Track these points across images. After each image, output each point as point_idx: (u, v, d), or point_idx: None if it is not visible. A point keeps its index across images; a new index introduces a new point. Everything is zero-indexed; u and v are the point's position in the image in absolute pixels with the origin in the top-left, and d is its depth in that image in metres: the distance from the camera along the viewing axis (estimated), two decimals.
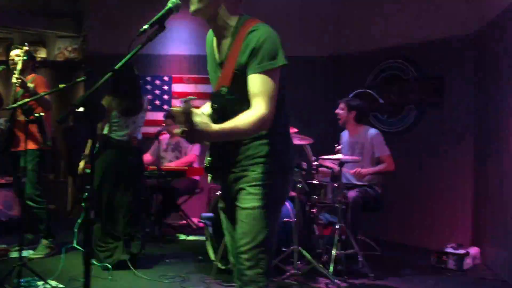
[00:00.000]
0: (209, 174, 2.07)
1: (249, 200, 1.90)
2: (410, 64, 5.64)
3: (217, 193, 2.13)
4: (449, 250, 4.46)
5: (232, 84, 1.91)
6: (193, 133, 1.72)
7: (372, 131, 4.70)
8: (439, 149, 5.39)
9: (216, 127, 1.79)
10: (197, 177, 5.77)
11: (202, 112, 1.90)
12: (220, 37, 2.00)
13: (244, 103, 1.88)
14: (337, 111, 4.75)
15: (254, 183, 1.90)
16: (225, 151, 1.97)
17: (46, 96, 4.11)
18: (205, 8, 1.93)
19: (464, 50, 5.22)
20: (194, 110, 1.72)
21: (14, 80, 4.07)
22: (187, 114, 1.68)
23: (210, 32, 2.08)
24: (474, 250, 4.59)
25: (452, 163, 5.28)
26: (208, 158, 2.04)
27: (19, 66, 4.18)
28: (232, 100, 1.92)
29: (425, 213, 5.43)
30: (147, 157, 5.62)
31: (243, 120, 1.82)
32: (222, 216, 2.13)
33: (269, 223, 1.90)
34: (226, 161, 1.98)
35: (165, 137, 5.88)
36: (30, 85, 4.18)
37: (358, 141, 4.68)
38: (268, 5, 6.20)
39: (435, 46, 5.43)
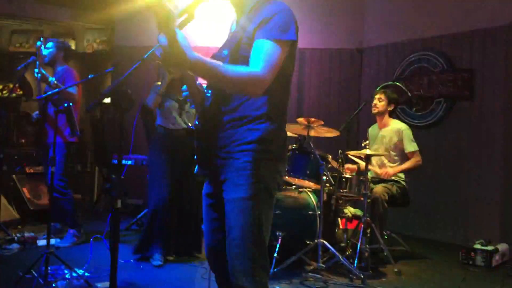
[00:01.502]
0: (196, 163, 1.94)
1: (235, 191, 1.79)
2: (440, 56, 5.52)
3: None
4: (477, 246, 4.36)
5: (234, 49, 1.84)
6: (171, 47, 1.49)
7: (402, 125, 4.64)
8: (469, 143, 5.27)
9: (198, 55, 1.59)
10: None
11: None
12: (240, 14, 1.94)
13: None
14: (375, 101, 4.66)
15: (240, 173, 1.78)
16: (210, 133, 1.86)
17: (72, 88, 4.16)
18: None
19: (495, 42, 5.09)
20: (175, 19, 1.50)
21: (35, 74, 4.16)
22: (164, 12, 1.44)
23: (233, 23, 2.03)
24: (503, 247, 4.49)
25: (481, 157, 5.16)
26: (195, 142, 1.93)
27: (40, 60, 4.22)
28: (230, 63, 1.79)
29: (453, 208, 5.33)
30: None
31: (232, 67, 1.69)
32: (205, 203, 2.00)
33: (258, 214, 1.78)
34: (212, 144, 1.86)
35: None
36: (51, 78, 4.23)
37: (386, 134, 4.62)
38: None
39: (466, 38, 5.31)
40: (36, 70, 4.14)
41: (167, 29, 1.47)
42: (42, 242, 4.32)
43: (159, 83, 4.08)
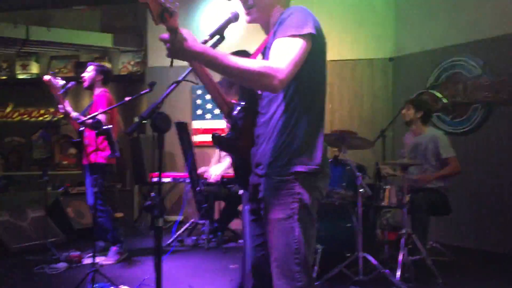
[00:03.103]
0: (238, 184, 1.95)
1: (273, 211, 1.76)
2: (475, 61, 5.42)
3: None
4: None
5: (259, 57, 1.85)
6: (174, 37, 1.51)
7: (437, 132, 4.58)
8: (509, 148, 5.13)
9: (206, 46, 1.60)
10: None
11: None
12: (269, 31, 1.93)
13: None
14: (403, 111, 4.65)
15: (277, 192, 1.75)
16: (245, 148, 1.86)
17: (101, 115, 4.26)
18: (262, 15, 1.90)
19: None
20: (172, 8, 1.49)
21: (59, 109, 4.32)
22: (157, 5, 1.46)
23: None
24: None
25: None
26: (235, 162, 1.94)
27: (54, 91, 4.25)
28: None
29: (498, 216, 5.17)
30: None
31: (248, 59, 1.61)
32: (247, 219, 1.99)
33: (298, 234, 1.74)
34: (247, 160, 1.86)
35: None
36: (74, 113, 4.35)
37: (422, 142, 4.57)
38: (325, 8, 6.21)
39: (502, 42, 5.19)
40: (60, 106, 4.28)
41: (164, 21, 1.48)
42: (87, 261, 4.43)
43: None
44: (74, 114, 4.35)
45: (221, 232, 5.51)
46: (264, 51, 1.85)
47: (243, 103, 1.91)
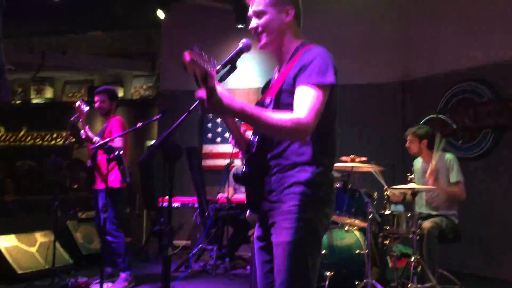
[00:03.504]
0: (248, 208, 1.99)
1: (282, 234, 1.82)
2: (485, 86, 5.40)
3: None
4: None
5: (276, 96, 1.90)
6: (211, 96, 1.57)
7: (448, 155, 4.52)
8: None
9: (240, 101, 1.67)
10: None
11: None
12: (282, 62, 2.01)
13: None
14: (407, 145, 4.61)
15: (287, 216, 1.81)
16: (258, 179, 1.91)
17: (119, 140, 4.35)
18: (272, 40, 1.95)
19: None
20: (211, 71, 1.56)
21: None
22: (200, 66, 1.53)
23: (276, 72, 2.11)
24: None
25: None
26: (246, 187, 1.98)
27: (82, 118, 4.45)
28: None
29: (509, 243, 5.08)
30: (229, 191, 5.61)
31: (275, 113, 1.73)
32: (256, 246, 2.03)
33: (305, 258, 1.81)
34: (260, 188, 1.91)
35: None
36: (96, 138, 4.46)
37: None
38: (334, 33, 6.27)
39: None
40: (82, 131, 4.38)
41: (206, 84, 1.56)
42: (95, 287, 4.42)
43: None
44: (96, 138, 4.46)
45: (229, 258, 5.48)
46: (281, 89, 1.89)
47: (257, 138, 1.95)
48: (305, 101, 1.76)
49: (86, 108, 4.50)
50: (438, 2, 6.04)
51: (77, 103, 4.45)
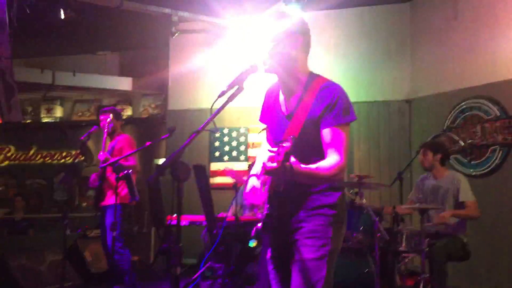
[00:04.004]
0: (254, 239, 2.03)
1: (306, 252, 1.94)
2: (492, 103, 5.41)
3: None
4: None
5: (300, 134, 1.95)
6: (284, 169, 1.75)
7: (458, 175, 4.51)
8: None
9: (302, 166, 1.85)
10: None
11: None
12: (289, 92, 2.06)
13: (308, 152, 1.94)
14: (421, 158, 4.59)
15: (310, 235, 1.95)
16: (285, 201, 1.99)
17: (132, 158, 4.41)
18: (278, 65, 2.00)
19: None
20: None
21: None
22: (286, 155, 1.72)
23: (272, 89, 2.18)
24: None
25: None
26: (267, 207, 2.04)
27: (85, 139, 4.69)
28: (297, 149, 1.91)
29: None
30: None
31: (324, 165, 1.92)
32: (270, 267, 2.11)
33: (324, 274, 1.93)
34: (285, 210, 2.00)
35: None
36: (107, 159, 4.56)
37: (442, 185, 4.48)
38: (341, 51, 6.32)
39: None
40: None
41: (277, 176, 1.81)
42: None
43: None
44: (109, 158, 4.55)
45: (237, 275, 5.45)
46: (306, 121, 1.98)
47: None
48: (339, 144, 1.96)
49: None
50: (445, 20, 6.08)
51: (108, 119, 4.65)
